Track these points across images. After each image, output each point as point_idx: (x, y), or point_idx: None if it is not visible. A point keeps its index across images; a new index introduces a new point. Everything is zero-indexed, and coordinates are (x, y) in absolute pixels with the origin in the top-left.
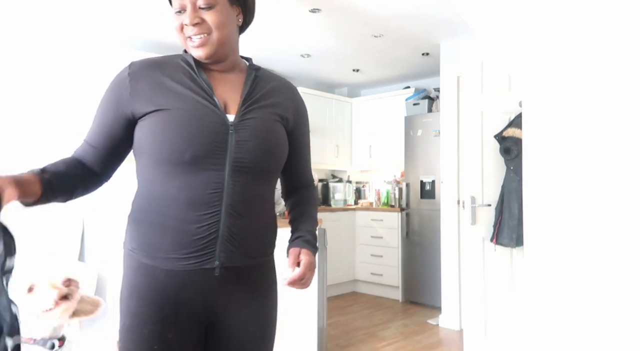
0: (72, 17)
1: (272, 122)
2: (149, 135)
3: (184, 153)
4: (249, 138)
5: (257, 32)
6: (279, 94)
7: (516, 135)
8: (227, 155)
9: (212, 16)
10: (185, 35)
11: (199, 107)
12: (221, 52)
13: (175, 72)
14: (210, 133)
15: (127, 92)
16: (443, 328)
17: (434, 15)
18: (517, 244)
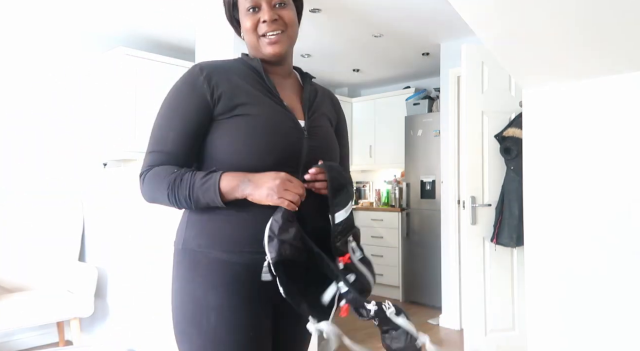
0: (72, 17)
1: (330, 127)
2: (230, 139)
3: (266, 158)
4: (319, 143)
5: None
6: (326, 100)
7: (516, 135)
8: (301, 159)
9: (287, 13)
10: (259, 33)
11: (275, 112)
12: (289, 51)
13: (245, 75)
14: (289, 138)
15: (207, 95)
16: (443, 327)
17: (434, 16)
18: (517, 244)
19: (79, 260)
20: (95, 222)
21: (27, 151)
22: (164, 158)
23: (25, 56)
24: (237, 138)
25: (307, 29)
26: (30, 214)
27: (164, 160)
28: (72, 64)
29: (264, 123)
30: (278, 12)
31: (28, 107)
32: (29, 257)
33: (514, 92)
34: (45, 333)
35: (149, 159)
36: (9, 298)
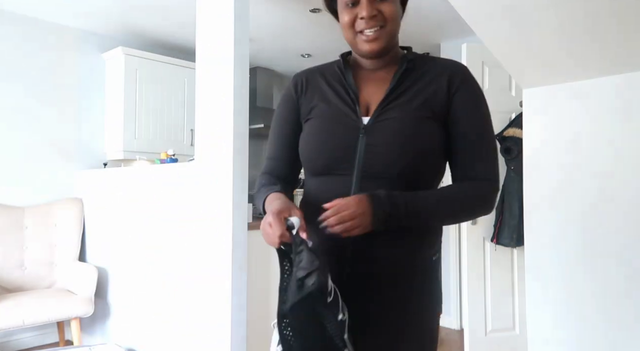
0: (72, 17)
1: (414, 119)
2: (302, 139)
3: (317, 161)
4: (380, 141)
5: (258, 32)
6: (429, 80)
7: (516, 135)
8: (356, 161)
9: (388, 7)
10: (357, 29)
11: (337, 113)
12: (389, 46)
13: (331, 77)
14: (340, 139)
15: (295, 102)
16: (443, 327)
17: (434, 15)
18: (517, 244)
19: (79, 260)
20: (95, 222)
21: (27, 151)
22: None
23: (25, 56)
24: (303, 139)
25: (307, 29)
26: (31, 214)
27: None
28: (72, 64)
29: (321, 125)
30: (378, 6)
31: (28, 107)
32: (29, 256)
33: (514, 91)
34: (46, 333)
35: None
36: (9, 298)
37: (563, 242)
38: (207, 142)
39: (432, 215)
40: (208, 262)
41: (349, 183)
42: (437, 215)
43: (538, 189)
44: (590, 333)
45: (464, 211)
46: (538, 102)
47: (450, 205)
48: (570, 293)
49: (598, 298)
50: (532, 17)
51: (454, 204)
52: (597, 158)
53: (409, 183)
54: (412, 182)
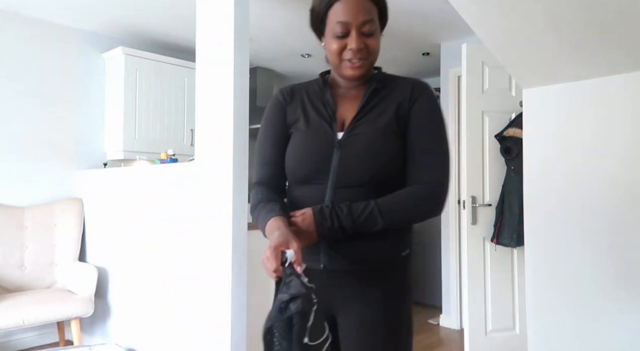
0: (72, 17)
1: (382, 134)
2: (287, 154)
3: (298, 172)
4: (352, 154)
5: (258, 32)
6: (394, 96)
7: (517, 135)
8: (331, 172)
9: (373, 42)
10: (344, 58)
11: (315, 127)
12: (369, 72)
13: (313, 94)
14: (317, 153)
15: (284, 109)
16: (443, 327)
17: (434, 15)
18: (517, 244)
19: (79, 260)
20: (95, 222)
21: (28, 151)
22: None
23: (25, 56)
24: (288, 151)
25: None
26: (31, 214)
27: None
28: (72, 64)
29: (302, 139)
30: (365, 40)
31: (28, 107)
32: (29, 256)
33: (514, 92)
34: (46, 333)
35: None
36: (9, 298)
37: (563, 241)
38: (207, 142)
39: (380, 220)
40: (208, 262)
41: (325, 191)
42: (387, 219)
43: (538, 189)
44: (590, 333)
45: (409, 215)
46: (538, 102)
47: (399, 210)
48: (570, 292)
49: (598, 297)
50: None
51: (395, 210)
52: (597, 158)
53: (377, 189)
54: (381, 189)
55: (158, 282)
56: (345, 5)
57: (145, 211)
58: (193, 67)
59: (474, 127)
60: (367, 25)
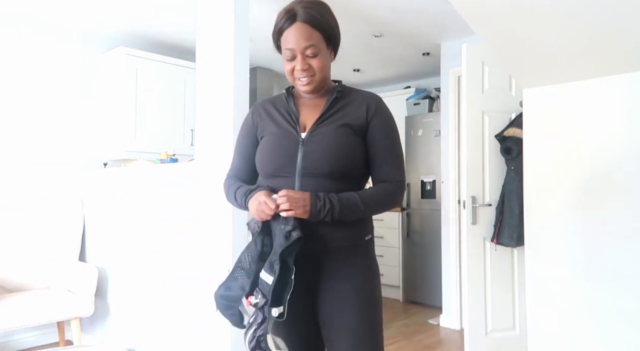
0: (72, 17)
1: (339, 133)
2: (258, 154)
3: (268, 168)
4: (314, 149)
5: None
6: (352, 108)
7: (517, 135)
8: (297, 164)
9: (316, 62)
10: (295, 77)
11: (283, 131)
12: (320, 87)
13: (280, 105)
14: (285, 150)
15: (252, 127)
16: (444, 327)
17: (434, 15)
18: (517, 244)
19: (80, 260)
20: (95, 222)
21: (28, 151)
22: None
23: (26, 56)
24: (259, 151)
25: None
26: (31, 214)
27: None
28: (72, 64)
29: (271, 140)
30: (309, 61)
31: (28, 107)
32: (29, 256)
33: (514, 91)
34: (46, 333)
35: (230, 170)
36: (9, 298)
37: (563, 241)
38: (207, 142)
39: (357, 210)
40: (208, 261)
41: (292, 182)
42: (361, 211)
43: (538, 189)
44: (590, 333)
45: (381, 206)
46: (538, 102)
47: (370, 203)
48: (570, 292)
49: (598, 297)
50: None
51: (373, 201)
52: (597, 158)
53: (336, 180)
54: (339, 180)
55: (158, 282)
56: (290, 34)
57: (146, 211)
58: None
59: (474, 127)
60: (309, 49)
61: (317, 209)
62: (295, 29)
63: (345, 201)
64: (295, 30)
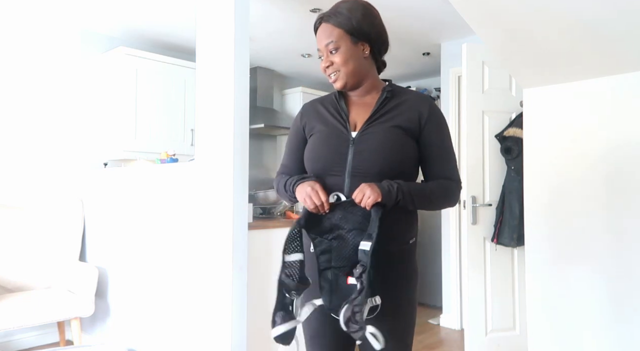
0: (72, 17)
1: (390, 134)
2: (307, 153)
3: (317, 166)
4: (364, 149)
5: (258, 32)
6: (404, 108)
7: (517, 135)
8: (347, 163)
9: (337, 58)
10: (327, 74)
11: (333, 129)
12: (352, 81)
13: (329, 104)
14: (335, 148)
15: (303, 123)
16: (444, 327)
17: (434, 15)
18: (518, 244)
19: (80, 260)
20: (95, 222)
21: (28, 151)
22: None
23: (26, 56)
24: (308, 149)
25: (307, 29)
26: (31, 214)
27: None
28: (72, 64)
29: (321, 139)
30: (331, 58)
31: (29, 107)
32: (29, 256)
33: (514, 91)
34: (46, 333)
35: (279, 168)
36: (10, 298)
37: (563, 241)
38: (207, 142)
39: (419, 197)
40: (208, 261)
41: (342, 181)
42: (423, 198)
43: (538, 189)
44: (590, 333)
45: (440, 199)
46: (538, 102)
47: (432, 192)
48: (570, 292)
49: (598, 297)
50: (532, 17)
51: (434, 192)
52: (597, 158)
53: (392, 176)
54: (394, 176)
55: (158, 282)
56: (317, 35)
57: (146, 211)
58: (193, 67)
59: (474, 126)
60: (329, 46)
61: (386, 190)
62: (320, 30)
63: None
64: (320, 31)
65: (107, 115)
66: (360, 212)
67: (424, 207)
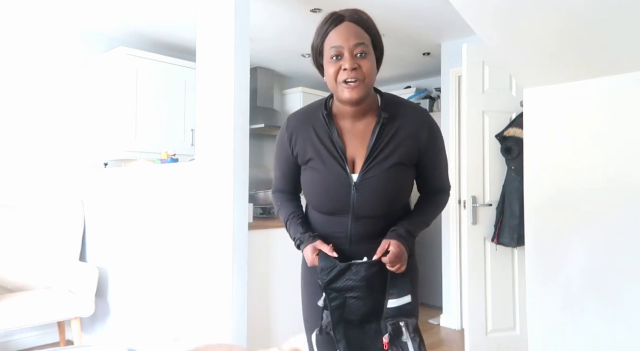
0: (72, 17)
1: (392, 174)
2: (304, 184)
3: (321, 206)
4: (367, 196)
5: (258, 32)
6: (402, 137)
7: (517, 135)
8: (350, 207)
9: (366, 63)
10: (340, 80)
11: (331, 170)
12: (365, 95)
13: (320, 127)
14: (336, 194)
15: (290, 149)
16: (444, 327)
17: (434, 15)
18: (518, 244)
19: (80, 260)
20: (95, 222)
21: (28, 150)
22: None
23: (26, 56)
24: (307, 186)
25: (308, 29)
26: (31, 214)
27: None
28: (72, 64)
29: (321, 180)
30: (358, 61)
31: (29, 107)
32: (29, 256)
33: (514, 91)
34: (46, 332)
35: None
36: (10, 298)
37: (563, 241)
38: (207, 142)
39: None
40: (208, 261)
41: (347, 221)
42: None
43: (538, 189)
44: (590, 333)
45: (435, 215)
46: (538, 102)
47: (430, 215)
48: (570, 292)
49: (598, 298)
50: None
51: (431, 214)
52: (597, 157)
53: (389, 217)
54: (392, 215)
55: (158, 282)
56: (338, 32)
57: (146, 211)
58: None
59: (475, 126)
60: (359, 47)
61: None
62: (344, 27)
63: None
64: (344, 28)
65: (107, 115)
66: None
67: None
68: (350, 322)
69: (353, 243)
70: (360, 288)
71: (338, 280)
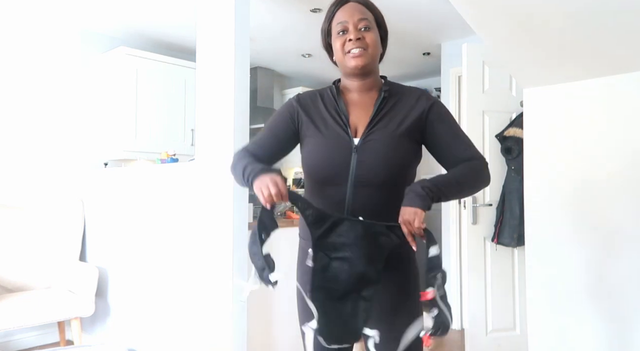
0: (72, 17)
1: (393, 138)
2: (304, 154)
3: (319, 175)
4: (368, 158)
5: (258, 32)
6: (403, 107)
7: (517, 135)
8: (350, 173)
9: (370, 35)
10: (346, 50)
11: (334, 135)
12: (370, 66)
13: (328, 102)
14: (337, 157)
15: (296, 113)
16: None
17: (434, 15)
18: (518, 244)
19: (80, 260)
20: (95, 222)
21: (28, 150)
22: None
23: (26, 56)
24: (306, 155)
25: (308, 29)
26: (31, 214)
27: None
28: (72, 64)
29: (323, 143)
30: (362, 33)
31: (29, 107)
32: (29, 256)
33: (514, 91)
34: (46, 332)
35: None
36: (10, 298)
37: (563, 241)
38: (207, 142)
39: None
40: (208, 261)
41: (345, 190)
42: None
43: (538, 189)
44: (590, 333)
45: (469, 181)
46: (538, 102)
47: (459, 175)
48: (570, 293)
49: (598, 298)
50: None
51: (459, 174)
52: (597, 157)
53: (390, 188)
54: (393, 187)
55: (158, 282)
56: (344, 10)
57: (146, 211)
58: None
59: (475, 126)
60: (362, 22)
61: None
62: (349, 6)
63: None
64: (349, 7)
65: (107, 115)
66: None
67: (456, 195)
68: (331, 292)
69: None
70: (350, 248)
71: (329, 234)
